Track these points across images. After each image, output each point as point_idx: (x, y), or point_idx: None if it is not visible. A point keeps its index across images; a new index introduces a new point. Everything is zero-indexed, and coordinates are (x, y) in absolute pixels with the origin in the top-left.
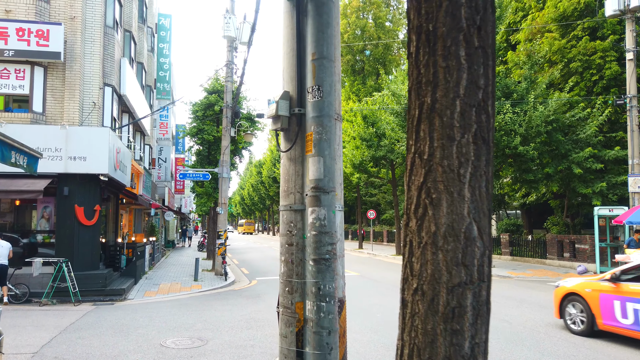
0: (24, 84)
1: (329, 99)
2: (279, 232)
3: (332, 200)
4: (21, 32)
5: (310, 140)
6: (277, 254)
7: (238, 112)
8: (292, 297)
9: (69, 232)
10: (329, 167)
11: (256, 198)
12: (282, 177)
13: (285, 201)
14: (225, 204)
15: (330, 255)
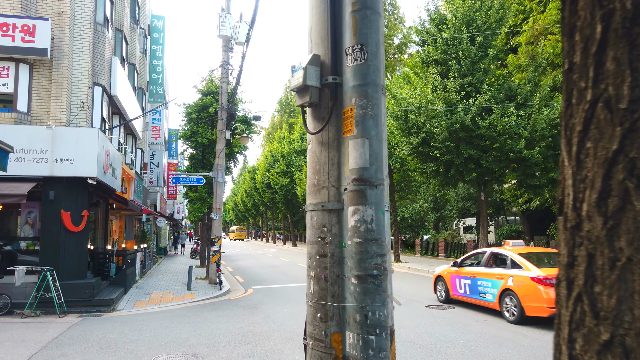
0: (8, 82)
1: (375, 63)
2: (306, 240)
3: (381, 197)
4: (5, 27)
5: (351, 117)
6: (272, 261)
7: (234, 114)
8: (326, 325)
9: (55, 238)
10: (376, 152)
11: (250, 204)
12: (310, 168)
13: (315, 198)
14: (220, 210)
15: (379, 270)
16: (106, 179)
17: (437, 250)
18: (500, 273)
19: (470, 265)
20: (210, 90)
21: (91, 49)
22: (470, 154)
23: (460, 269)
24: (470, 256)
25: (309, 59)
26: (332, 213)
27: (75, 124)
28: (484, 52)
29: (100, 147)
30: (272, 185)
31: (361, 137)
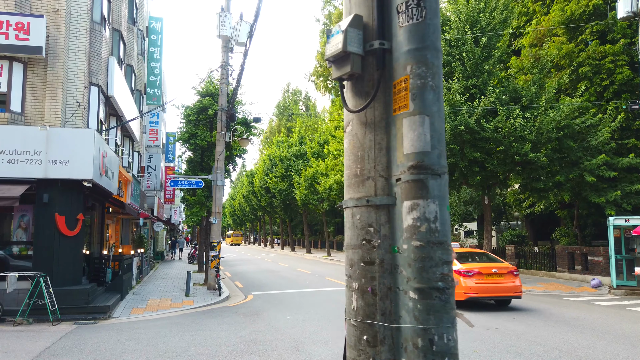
0: (1, 81)
1: (435, 22)
2: (346, 243)
3: (445, 188)
4: None
5: (405, 89)
6: (271, 266)
7: (234, 115)
8: (374, 351)
9: (48, 243)
10: (439, 132)
11: (247, 209)
12: (350, 155)
13: (357, 192)
14: (220, 213)
15: (446, 282)
16: (102, 181)
17: None
18: None
19: None
20: (210, 91)
21: (87, 48)
22: (475, 157)
23: None
24: None
25: (349, 20)
26: (381, 210)
27: (71, 124)
28: (488, 54)
29: (97, 148)
30: (271, 190)
31: (419, 113)
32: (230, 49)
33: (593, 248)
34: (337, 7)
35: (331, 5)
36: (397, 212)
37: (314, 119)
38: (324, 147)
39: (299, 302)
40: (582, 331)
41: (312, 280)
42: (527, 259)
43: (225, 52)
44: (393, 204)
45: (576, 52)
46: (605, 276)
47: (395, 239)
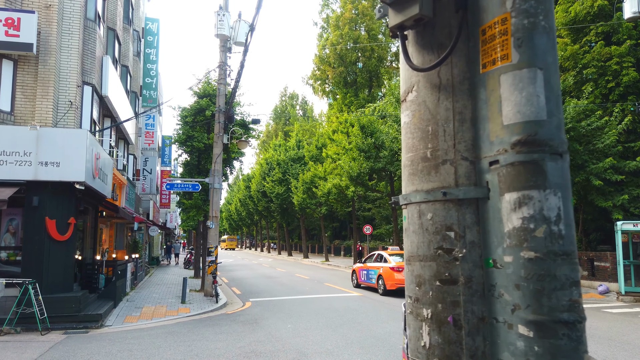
0: None
1: None
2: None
3: (568, 174)
4: None
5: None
6: (268, 272)
7: (232, 117)
8: None
9: (38, 248)
10: (556, 93)
11: (244, 213)
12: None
13: (427, 182)
14: (217, 217)
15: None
16: (95, 184)
17: None
18: (378, 266)
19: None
20: (207, 92)
21: (81, 45)
22: None
23: (364, 264)
24: (370, 256)
25: None
26: (465, 206)
27: (63, 124)
28: None
29: (89, 150)
30: (268, 194)
31: (528, 66)
32: (229, 48)
33: (600, 253)
34: (334, 11)
35: (329, 9)
36: (491, 209)
37: (311, 123)
38: (322, 150)
39: (300, 310)
40: (599, 341)
41: (311, 286)
42: None
43: (223, 51)
44: (485, 198)
45: (581, 54)
46: (612, 282)
47: (489, 248)
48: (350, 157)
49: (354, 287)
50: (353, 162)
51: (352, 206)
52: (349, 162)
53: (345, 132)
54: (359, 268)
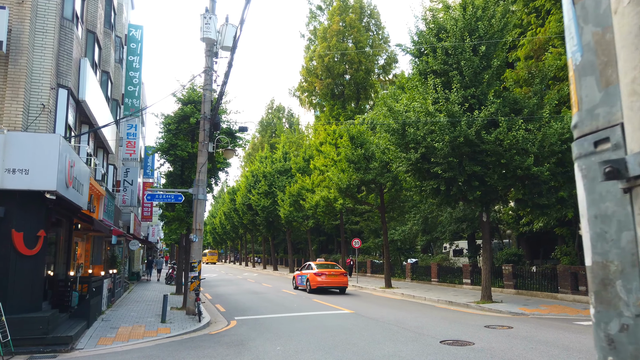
0: None
1: None
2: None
3: None
4: None
5: None
6: (254, 287)
7: (218, 124)
8: None
9: (3, 263)
10: None
11: (228, 227)
12: None
13: None
14: (201, 230)
15: None
16: (69, 194)
17: (429, 275)
18: (307, 272)
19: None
20: (192, 99)
21: (56, 45)
22: (475, 171)
23: (300, 272)
24: (304, 266)
25: None
26: None
27: (34, 129)
28: (487, 63)
29: (62, 156)
30: (253, 207)
31: None
32: (215, 53)
33: None
34: (322, 23)
35: (316, 21)
36: None
37: (298, 135)
38: (310, 162)
39: (289, 329)
40: None
41: (299, 302)
42: (525, 279)
43: (209, 56)
44: None
45: None
46: None
47: None
48: (339, 169)
49: (293, 289)
50: (342, 173)
51: (340, 219)
52: (338, 174)
53: (333, 144)
54: (296, 274)
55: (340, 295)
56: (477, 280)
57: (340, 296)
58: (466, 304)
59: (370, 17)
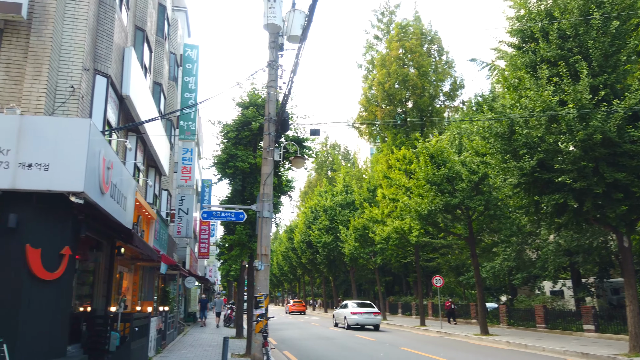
0: None
1: None
2: None
3: None
4: None
5: None
6: (321, 331)
7: (286, 122)
8: None
9: (12, 291)
10: None
11: (286, 268)
12: None
13: None
14: (267, 256)
15: None
16: (105, 203)
17: (531, 319)
18: (345, 310)
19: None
20: (253, 101)
21: (91, 20)
22: (617, 179)
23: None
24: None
25: None
26: None
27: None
28: (623, 42)
29: (94, 150)
30: (314, 244)
31: None
32: (280, 45)
33: None
34: (379, 52)
35: (373, 50)
36: None
37: (357, 169)
38: (375, 193)
39: None
40: None
41: (384, 350)
42: None
43: (273, 48)
44: None
45: None
46: None
47: None
48: (416, 194)
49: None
50: (420, 198)
51: (415, 253)
52: (416, 199)
53: (403, 170)
54: (335, 313)
55: (430, 344)
56: (604, 327)
57: (430, 344)
58: (612, 356)
59: (431, 42)
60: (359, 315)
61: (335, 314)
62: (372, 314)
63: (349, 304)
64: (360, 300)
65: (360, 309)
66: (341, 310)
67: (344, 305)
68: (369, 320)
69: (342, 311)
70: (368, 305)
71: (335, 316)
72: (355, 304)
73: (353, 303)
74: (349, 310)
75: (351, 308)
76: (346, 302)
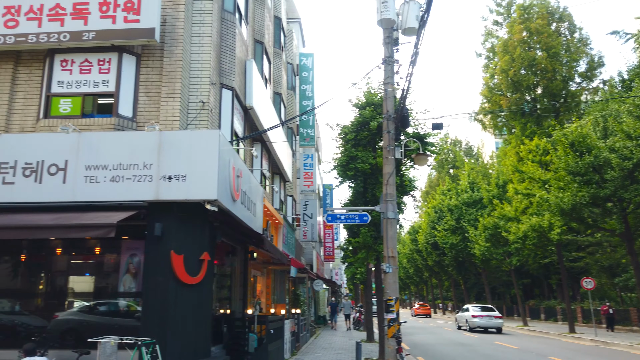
0: (108, 78)
1: None
2: None
3: None
4: (105, 6)
5: None
6: (456, 337)
7: (406, 118)
8: None
9: (161, 294)
10: None
11: (411, 270)
12: None
13: None
14: (395, 258)
15: None
16: (236, 209)
17: None
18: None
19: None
20: (370, 101)
21: (215, 36)
22: None
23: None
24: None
25: None
26: None
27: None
28: None
29: (224, 159)
30: (440, 245)
31: None
32: (395, 40)
33: None
34: (500, 37)
35: (493, 37)
36: None
37: (482, 165)
38: (504, 188)
39: None
40: None
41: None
42: None
43: (388, 43)
44: None
45: None
46: None
47: None
48: (556, 187)
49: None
50: (561, 192)
51: (557, 253)
52: (556, 193)
53: (537, 161)
54: (457, 316)
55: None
56: None
57: (585, 355)
58: None
59: (560, 20)
60: (480, 319)
61: (458, 317)
62: (494, 317)
63: (470, 307)
64: (481, 304)
65: (482, 312)
66: (463, 313)
67: (465, 308)
68: (490, 323)
69: (464, 314)
70: (489, 309)
71: (458, 319)
72: (477, 307)
73: (474, 307)
74: (470, 313)
75: (472, 311)
76: (467, 305)
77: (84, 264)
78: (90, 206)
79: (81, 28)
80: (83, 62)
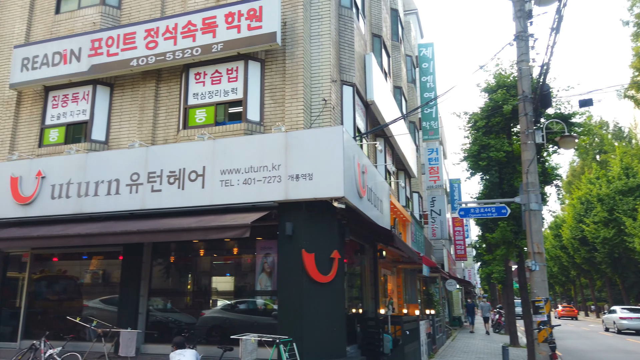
0: (237, 86)
1: None
2: None
3: None
4: (230, 17)
5: None
6: (618, 343)
7: (547, 97)
8: None
9: (295, 293)
10: None
11: (555, 269)
12: None
13: None
14: (541, 255)
15: None
16: (363, 206)
17: None
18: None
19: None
20: (501, 83)
21: (334, 33)
22: None
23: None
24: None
25: None
26: None
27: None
28: None
29: (349, 156)
30: (589, 240)
31: None
32: (528, 12)
33: None
34: None
35: None
36: None
37: (637, 147)
38: None
39: None
40: None
41: None
42: None
43: (519, 17)
44: None
45: None
46: None
47: None
48: None
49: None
50: None
51: None
52: None
53: None
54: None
55: None
56: None
57: None
58: None
59: None
60: (628, 320)
61: (605, 319)
62: None
63: (617, 309)
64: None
65: (630, 314)
66: (610, 315)
67: (612, 310)
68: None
69: (611, 316)
70: (636, 311)
71: (605, 321)
72: (624, 309)
73: (621, 308)
74: (617, 315)
75: (620, 313)
76: (614, 307)
77: (224, 265)
78: (226, 209)
79: (210, 41)
80: (214, 73)
